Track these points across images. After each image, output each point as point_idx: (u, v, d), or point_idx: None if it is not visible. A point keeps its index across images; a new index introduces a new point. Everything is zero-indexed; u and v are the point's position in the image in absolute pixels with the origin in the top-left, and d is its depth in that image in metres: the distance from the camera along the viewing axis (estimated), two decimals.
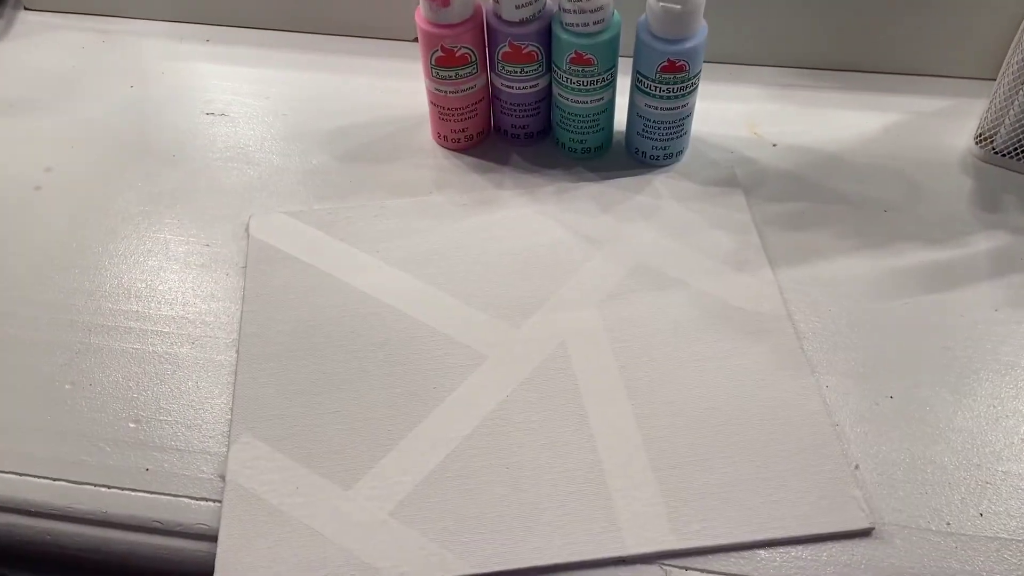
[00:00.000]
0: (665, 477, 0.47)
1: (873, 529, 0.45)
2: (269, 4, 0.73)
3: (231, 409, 0.50)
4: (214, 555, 0.44)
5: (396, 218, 0.60)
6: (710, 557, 0.44)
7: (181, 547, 0.46)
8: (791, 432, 0.48)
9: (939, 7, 0.64)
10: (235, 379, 0.51)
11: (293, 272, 0.56)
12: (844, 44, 0.68)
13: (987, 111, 0.62)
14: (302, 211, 0.60)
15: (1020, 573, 0.43)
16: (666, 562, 0.44)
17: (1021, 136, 0.60)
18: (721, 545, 0.44)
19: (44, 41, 0.75)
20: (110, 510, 0.47)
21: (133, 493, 0.47)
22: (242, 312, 0.55)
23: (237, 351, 0.53)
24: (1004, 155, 0.61)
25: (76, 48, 0.74)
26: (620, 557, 0.44)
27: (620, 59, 0.58)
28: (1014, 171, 0.62)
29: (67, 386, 0.51)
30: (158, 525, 0.46)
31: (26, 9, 0.77)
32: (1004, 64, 0.60)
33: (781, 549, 0.45)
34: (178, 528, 0.46)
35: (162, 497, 0.47)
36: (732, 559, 0.44)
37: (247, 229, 0.59)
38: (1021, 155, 0.61)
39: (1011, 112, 0.59)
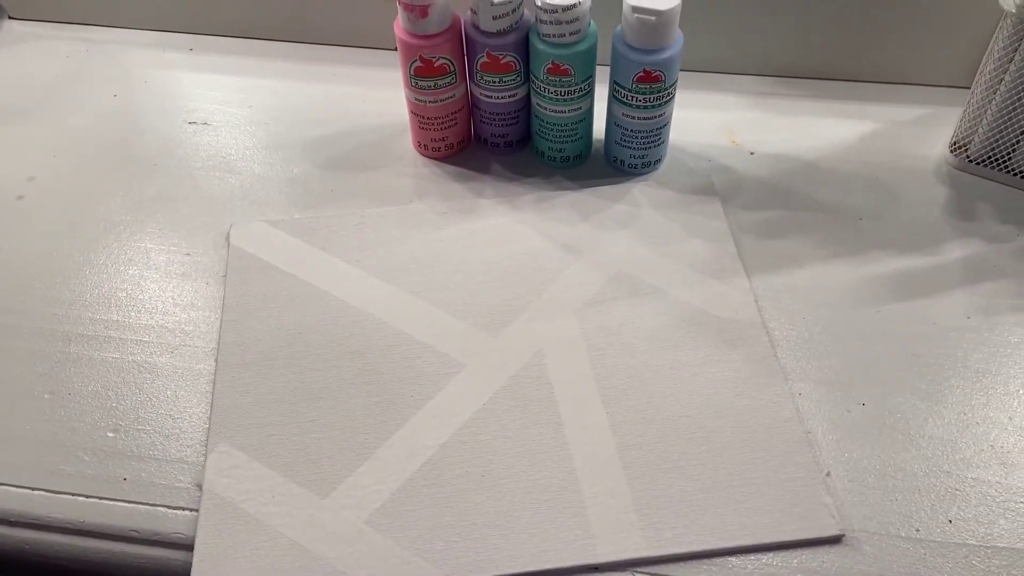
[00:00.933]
0: (638, 484, 0.47)
1: (843, 536, 0.45)
2: (252, 13, 0.74)
3: (209, 418, 0.50)
4: (191, 564, 0.45)
5: (376, 227, 0.60)
6: (681, 564, 0.45)
7: (158, 556, 0.46)
8: (764, 439, 0.49)
9: (915, 16, 0.65)
10: (213, 388, 0.52)
11: (273, 281, 0.57)
12: (821, 53, 0.68)
13: (961, 119, 0.62)
14: (282, 220, 0.61)
15: None
16: (638, 569, 0.45)
17: (995, 144, 0.60)
18: (692, 552, 0.45)
19: (28, 50, 0.75)
20: (87, 519, 0.47)
21: (111, 502, 0.47)
22: (221, 321, 0.55)
23: (216, 360, 0.53)
24: (978, 163, 0.62)
25: (60, 57, 0.74)
26: (593, 565, 0.45)
27: (598, 68, 0.59)
28: (988, 179, 0.62)
29: (46, 395, 0.52)
30: (135, 534, 0.47)
31: (10, 18, 0.78)
32: (978, 73, 0.60)
33: (752, 556, 0.45)
34: (155, 537, 0.46)
35: (139, 506, 0.47)
36: (704, 566, 0.45)
37: (227, 238, 0.60)
38: (995, 163, 0.61)
39: (985, 120, 0.60)
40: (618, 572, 0.45)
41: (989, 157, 0.61)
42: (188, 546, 0.46)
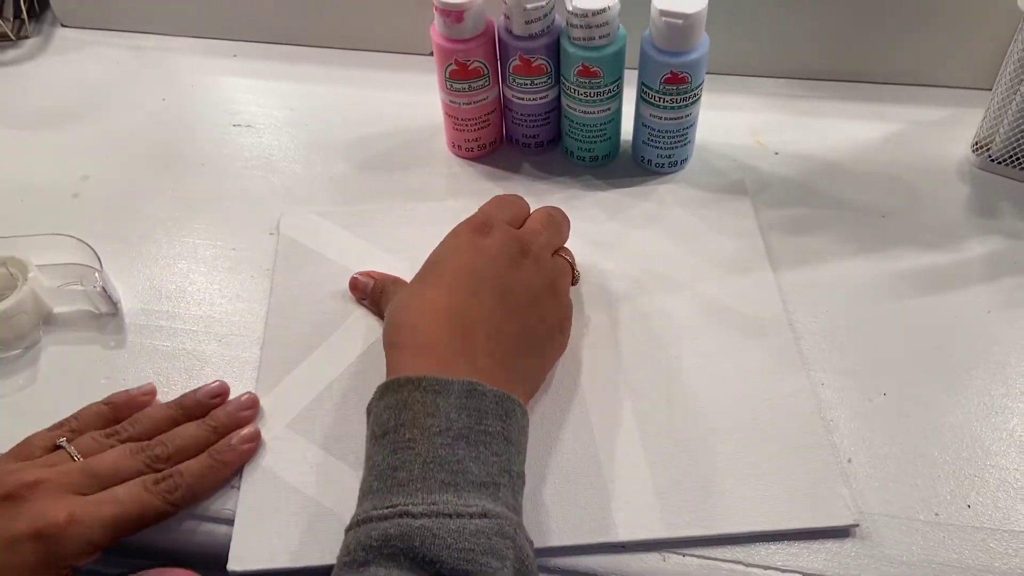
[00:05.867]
0: (659, 470, 0.49)
1: (857, 527, 0.46)
2: (293, 21, 0.77)
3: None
4: (230, 537, 0.47)
5: (417, 221, 0.62)
6: (702, 547, 0.46)
7: (210, 529, 0.49)
8: (785, 429, 0.50)
9: (936, 19, 0.66)
10: (259, 362, 0.54)
11: (319, 268, 0.59)
12: (844, 55, 0.70)
13: (983, 120, 0.63)
14: (330, 211, 0.63)
15: (1004, 560, 0.45)
16: (665, 549, 0.46)
17: (1016, 144, 0.62)
18: (711, 536, 0.46)
19: (80, 56, 0.79)
20: None
21: None
22: (269, 304, 0.57)
23: (261, 347, 0.55)
24: (999, 162, 0.63)
25: (111, 63, 0.78)
26: (621, 543, 0.46)
27: (626, 71, 0.61)
28: (1009, 178, 0.63)
29: (102, 380, 0.55)
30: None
31: (63, 26, 0.81)
32: (999, 74, 0.61)
33: (773, 539, 0.46)
34: (207, 514, 0.49)
35: None
36: (723, 551, 0.46)
37: (278, 226, 0.62)
38: (1016, 162, 0.63)
39: (1006, 121, 0.61)
40: (646, 552, 0.46)
41: (1010, 156, 0.63)
42: (231, 520, 0.48)
